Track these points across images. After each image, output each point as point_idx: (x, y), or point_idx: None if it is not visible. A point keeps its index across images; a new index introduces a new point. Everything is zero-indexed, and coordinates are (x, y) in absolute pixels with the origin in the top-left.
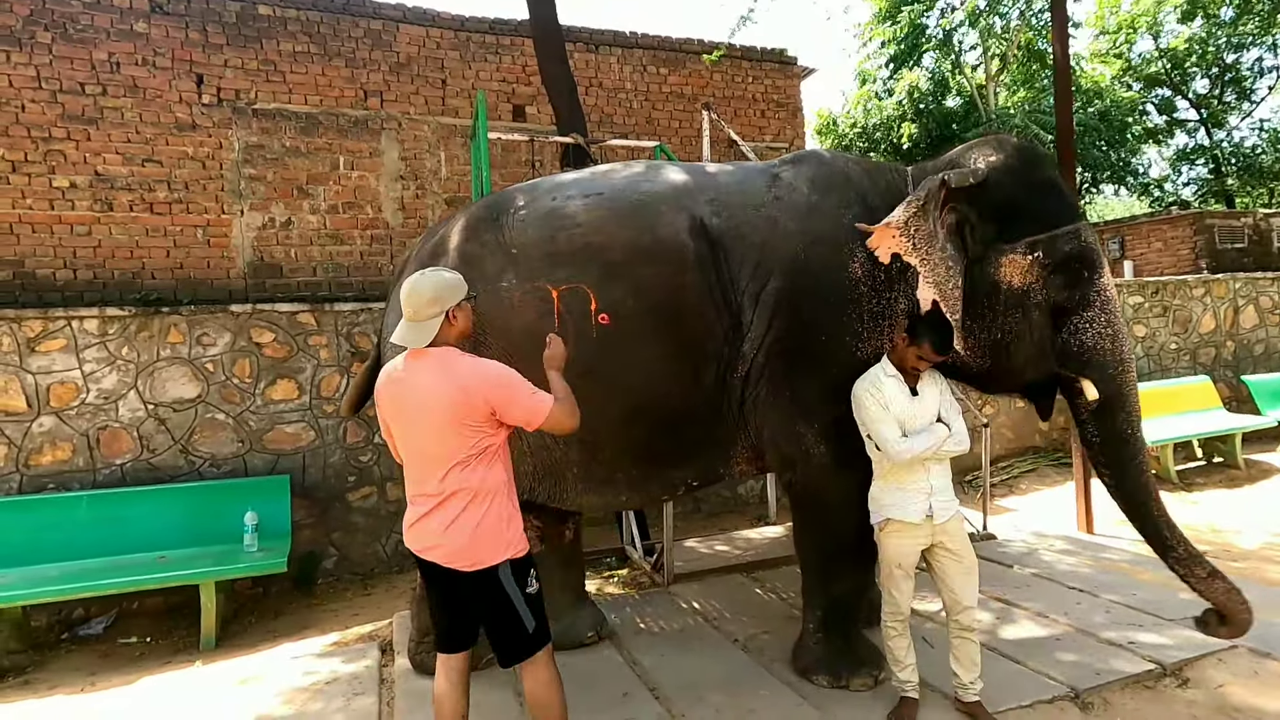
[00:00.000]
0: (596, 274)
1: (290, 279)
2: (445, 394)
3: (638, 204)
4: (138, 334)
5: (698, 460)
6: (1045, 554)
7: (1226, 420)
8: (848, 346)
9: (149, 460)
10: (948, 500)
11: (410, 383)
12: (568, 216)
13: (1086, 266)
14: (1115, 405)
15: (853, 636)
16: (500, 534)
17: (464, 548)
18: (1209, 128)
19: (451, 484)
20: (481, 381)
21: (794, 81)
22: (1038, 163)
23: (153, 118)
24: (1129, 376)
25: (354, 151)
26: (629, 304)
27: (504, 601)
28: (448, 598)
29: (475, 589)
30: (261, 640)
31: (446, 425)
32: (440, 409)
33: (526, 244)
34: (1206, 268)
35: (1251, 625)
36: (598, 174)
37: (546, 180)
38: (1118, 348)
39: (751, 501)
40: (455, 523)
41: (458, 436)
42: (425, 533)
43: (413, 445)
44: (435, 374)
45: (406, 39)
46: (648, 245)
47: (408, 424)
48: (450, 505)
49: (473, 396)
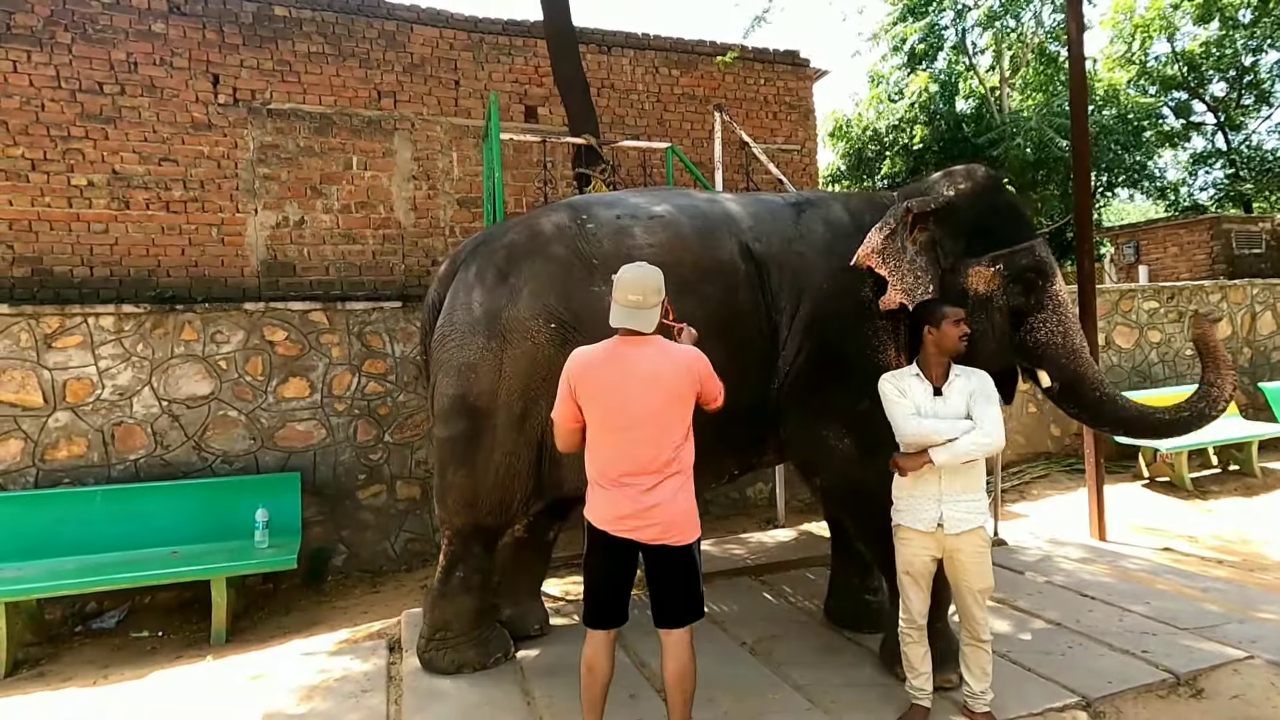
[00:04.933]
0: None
1: (303, 278)
2: (674, 375)
3: (695, 228)
4: (152, 331)
5: (742, 453)
6: (1058, 561)
7: (1243, 428)
8: (868, 358)
9: (162, 456)
10: (965, 512)
11: (636, 364)
12: (637, 236)
13: (1041, 276)
14: (1077, 383)
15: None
16: (696, 511)
17: (680, 522)
18: (1226, 131)
19: (674, 461)
20: (699, 362)
21: (806, 83)
22: (999, 189)
23: (169, 117)
24: (1082, 358)
25: (367, 151)
26: (696, 315)
27: (693, 571)
28: (625, 576)
29: (671, 561)
30: (272, 636)
31: (674, 403)
32: (669, 389)
33: (606, 257)
34: (1223, 273)
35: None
36: (648, 198)
37: (595, 198)
38: (1068, 342)
39: (760, 504)
40: (675, 498)
41: (680, 415)
42: (642, 507)
43: (634, 424)
44: (661, 358)
45: (420, 40)
46: (710, 265)
47: (630, 403)
48: (672, 482)
49: (694, 375)
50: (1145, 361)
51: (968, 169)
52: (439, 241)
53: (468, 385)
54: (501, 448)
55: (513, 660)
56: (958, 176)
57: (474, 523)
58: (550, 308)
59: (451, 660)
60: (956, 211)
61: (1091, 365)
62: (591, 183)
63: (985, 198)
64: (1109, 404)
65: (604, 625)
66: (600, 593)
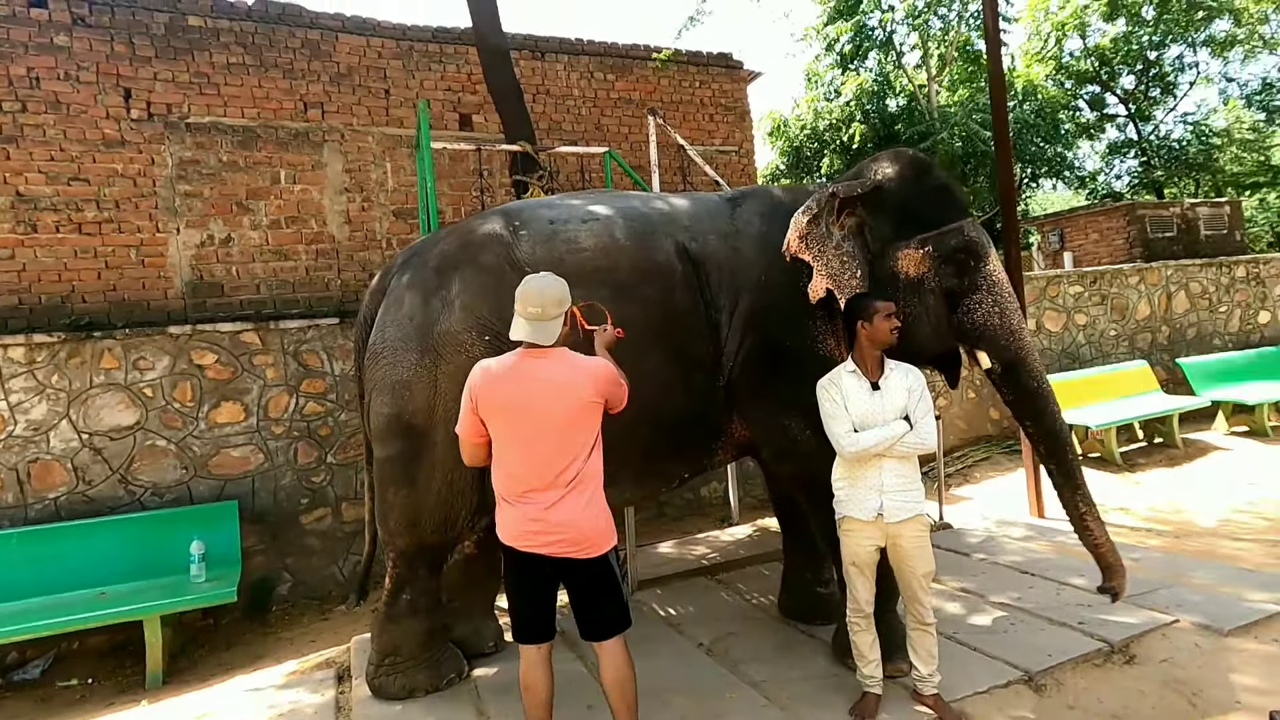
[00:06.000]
0: (607, 293)
1: (232, 297)
2: (577, 386)
3: (631, 231)
4: (68, 360)
5: (690, 455)
6: (1001, 540)
7: (1165, 402)
8: (811, 348)
9: (85, 492)
10: (904, 501)
11: (538, 377)
12: (572, 240)
13: (972, 257)
14: (1016, 366)
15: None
16: (610, 520)
17: (588, 534)
18: (1137, 122)
19: (580, 473)
20: (604, 371)
21: (741, 85)
22: (927, 171)
23: (78, 134)
24: (1022, 342)
25: (295, 165)
26: (635, 319)
27: (612, 582)
28: (545, 591)
29: (586, 574)
30: (213, 674)
31: (579, 415)
32: (573, 401)
33: (539, 263)
34: (1140, 256)
35: (1125, 581)
36: (584, 201)
37: (529, 203)
38: (1006, 322)
39: (716, 503)
40: (583, 512)
41: (586, 426)
42: (548, 523)
43: (538, 437)
44: (565, 369)
45: (346, 49)
46: (646, 267)
47: (534, 417)
48: (578, 494)
49: (598, 386)
50: (1074, 344)
51: (896, 152)
52: (375, 255)
53: (403, 403)
54: (442, 465)
55: (468, 680)
56: (885, 160)
57: (418, 543)
58: (483, 320)
59: (402, 685)
60: (883, 195)
61: (1032, 351)
62: (529, 190)
63: (913, 180)
64: (1043, 398)
65: (532, 640)
66: (521, 609)
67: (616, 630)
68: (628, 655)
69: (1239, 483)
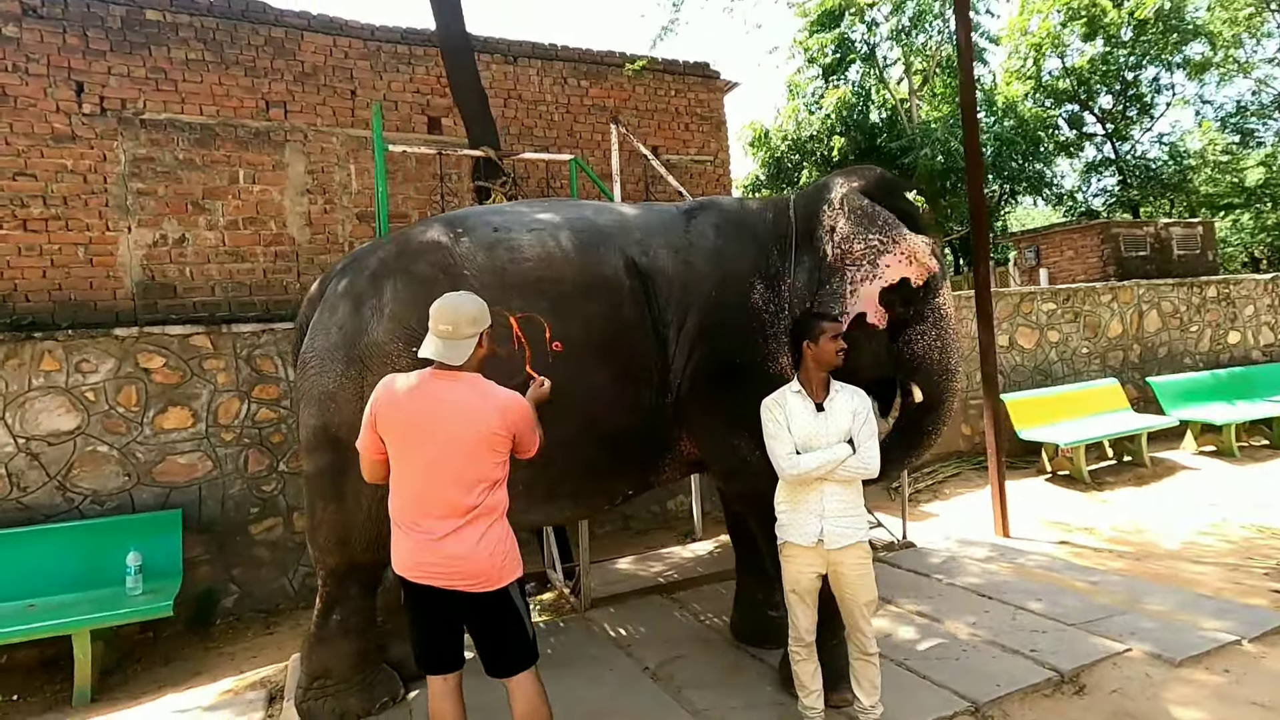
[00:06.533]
0: (547, 305)
1: (185, 299)
2: (484, 416)
3: (578, 243)
4: (6, 361)
5: (634, 473)
6: (962, 561)
7: (1134, 420)
8: (761, 366)
9: (19, 499)
10: (845, 527)
11: (441, 400)
12: (515, 249)
13: (922, 286)
14: (933, 408)
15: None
16: (513, 553)
17: (485, 568)
18: (1114, 141)
19: (479, 505)
20: (516, 409)
21: (717, 95)
22: (891, 192)
23: (25, 128)
24: (951, 385)
25: (255, 164)
26: (576, 334)
27: (513, 617)
28: (445, 621)
29: (483, 608)
30: (145, 691)
31: (480, 446)
32: (476, 429)
33: (480, 271)
34: (1114, 275)
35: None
36: (535, 209)
37: (477, 210)
38: (944, 359)
39: (682, 516)
40: (481, 542)
41: (487, 459)
42: (440, 555)
43: (434, 463)
44: (472, 395)
45: (312, 48)
46: (591, 281)
47: (431, 440)
48: (474, 527)
49: (506, 420)
50: (1046, 360)
51: (859, 170)
52: (336, 258)
53: (329, 415)
54: None
55: (403, 703)
56: (849, 177)
57: (348, 561)
58: (412, 330)
59: (333, 709)
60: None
61: (955, 396)
62: (491, 196)
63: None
64: (927, 441)
65: (436, 671)
66: (422, 639)
67: (522, 667)
68: (539, 688)
69: (1204, 503)
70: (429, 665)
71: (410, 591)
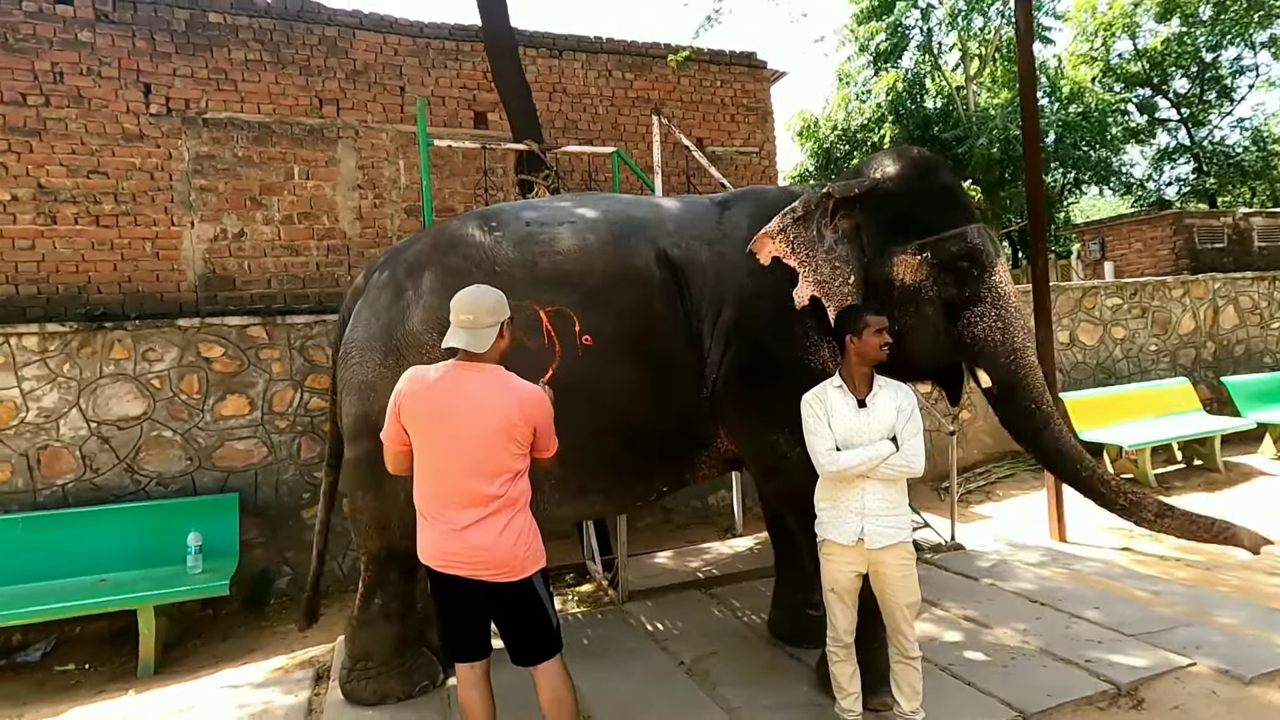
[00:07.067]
0: (577, 298)
1: (243, 291)
2: (504, 407)
3: (610, 235)
4: (80, 350)
5: (668, 469)
6: (1013, 565)
7: (1206, 422)
8: (800, 360)
9: (92, 480)
10: (887, 526)
11: (462, 391)
12: (545, 243)
13: (976, 265)
14: (1013, 387)
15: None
16: (536, 544)
17: (508, 558)
18: (1189, 127)
19: (501, 495)
20: (537, 404)
21: (764, 85)
22: (932, 171)
23: (98, 128)
24: (1023, 361)
25: (309, 161)
26: (607, 327)
27: (536, 607)
28: (470, 610)
29: (507, 598)
30: (204, 666)
31: (500, 436)
32: (497, 420)
33: (510, 265)
34: (1186, 268)
35: (1233, 533)
36: (570, 203)
37: (511, 205)
38: (1008, 339)
39: (723, 512)
40: (504, 534)
41: (506, 450)
42: (464, 545)
43: (453, 452)
44: (494, 386)
45: (363, 46)
46: (622, 273)
47: (452, 431)
48: (497, 518)
49: (526, 412)
50: (1109, 358)
51: (900, 150)
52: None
53: (368, 404)
54: None
55: (442, 688)
56: (887, 158)
57: (388, 546)
58: (446, 322)
59: (374, 691)
60: (881, 196)
61: (1034, 372)
62: (534, 189)
63: (915, 180)
64: (1042, 423)
65: (463, 659)
66: (449, 628)
67: (546, 656)
68: (565, 676)
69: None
70: (456, 653)
71: (436, 581)
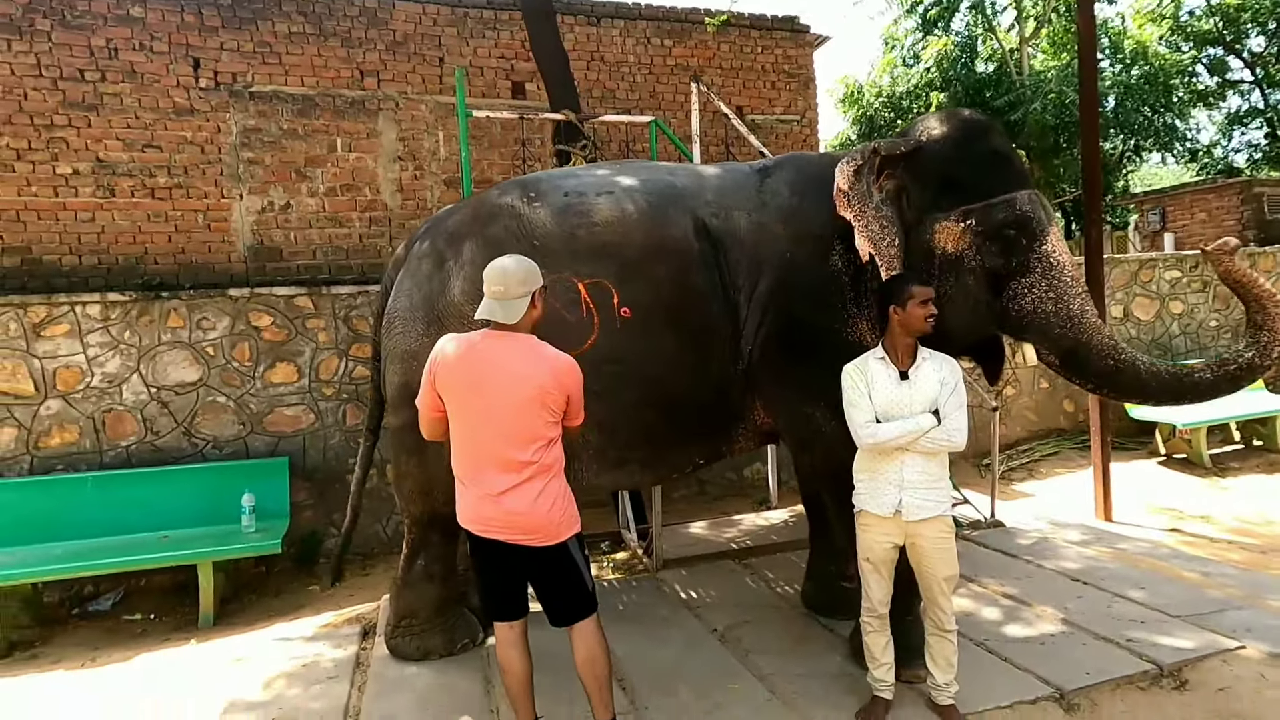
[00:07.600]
0: (615, 270)
1: (290, 262)
2: (537, 375)
3: (647, 205)
4: (139, 318)
5: (704, 441)
6: (1054, 543)
7: (1268, 401)
8: (838, 331)
9: (153, 442)
10: (925, 499)
11: (495, 360)
12: (583, 214)
13: (1024, 234)
14: (1082, 352)
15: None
16: (570, 509)
17: (544, 523)
18: (1264, 88)
19: (532, 463)
20: (569, 372)
21: (806, 51)
22: (980, 134)
23: (151, 103)
24: (1083, 325)
25: (351, 133)
26: (644, 299)
27: (572, 570)
28: (508, 572)
29: (543, 562)
30: (258, 619)
31: (533, 404)
32: (530, 388)
33: (548, 236)
34: (1254, 240)
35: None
36: (608, 172)
37: (548, 174)
38: (1061, 309)
39: (758, 484)
40: (539, 499)
41: (539, 417)
42: (500, 510)
43: (487, 419)
44: (526, 355)
45: (403, 16)
46: (659, 245)
47: (485, 397)
48: (532, 484)
49: (560, 383)
50: (1166, 334)
51: (950, 112)
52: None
53: (411, 373)
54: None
55: (482, 646)
56: (935, 119)
57: (430, 511)
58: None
59: (417, 647)
60: (926, 157)
61: (1099, 330)
62: (571, 159)
63: (962, 143)
64: (1129, 372)
65: (502, 618)
66: (488, 589)
67: (581, 616)
68: (599, 635)
69: None
70: (495, 613)
71: (475, 544)
